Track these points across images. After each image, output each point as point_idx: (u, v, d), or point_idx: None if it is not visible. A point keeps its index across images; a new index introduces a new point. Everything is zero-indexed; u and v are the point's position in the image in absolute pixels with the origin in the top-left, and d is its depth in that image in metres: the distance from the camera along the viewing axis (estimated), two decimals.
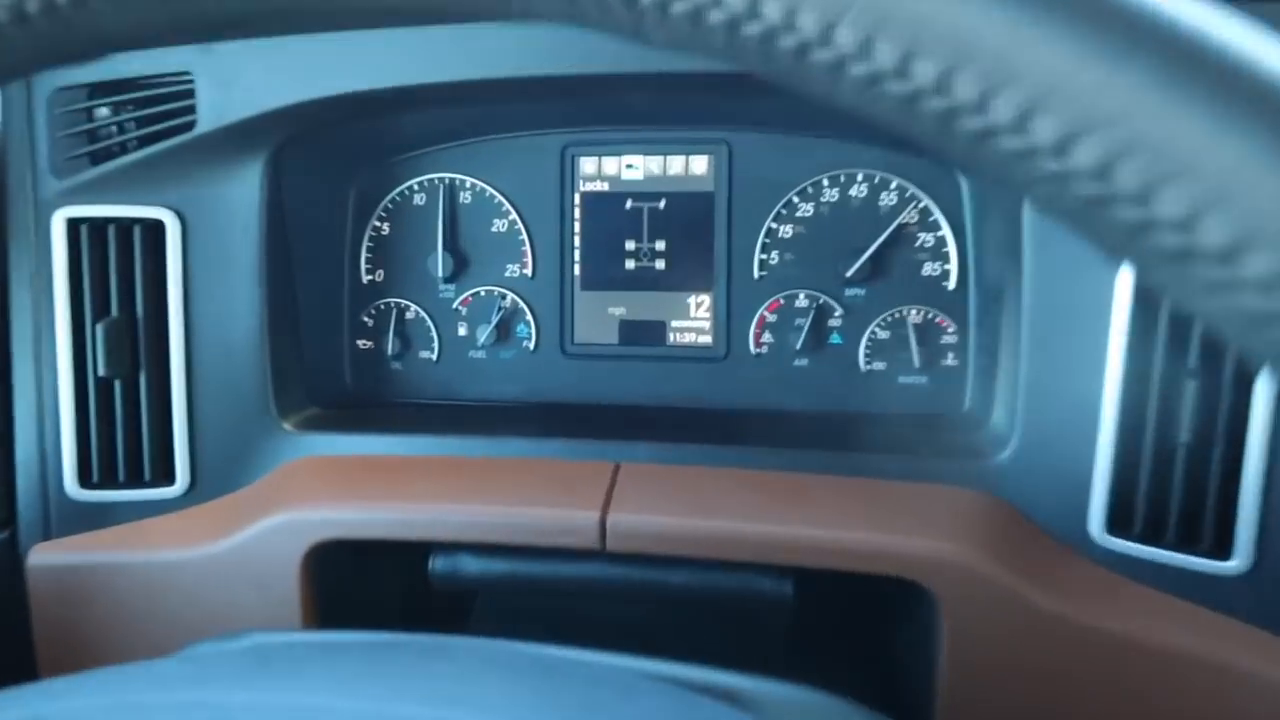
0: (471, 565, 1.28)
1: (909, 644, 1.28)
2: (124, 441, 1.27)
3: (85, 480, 1.28)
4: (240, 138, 1.22)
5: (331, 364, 1.44)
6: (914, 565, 1.06)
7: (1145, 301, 1.06)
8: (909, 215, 1.32)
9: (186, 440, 1.27)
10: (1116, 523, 1.10)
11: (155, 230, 1.25)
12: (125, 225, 1.25)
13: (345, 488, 1.22)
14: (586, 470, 1.20)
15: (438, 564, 1.28)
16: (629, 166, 1.39)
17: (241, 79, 1.18)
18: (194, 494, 1.28)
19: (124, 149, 1.29)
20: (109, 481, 1.28)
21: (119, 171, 1.24)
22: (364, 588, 1.43)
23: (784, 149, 1.34)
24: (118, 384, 1.26)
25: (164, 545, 1.25)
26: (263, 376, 1.28)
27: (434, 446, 1.26)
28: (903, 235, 1.33)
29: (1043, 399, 1.11)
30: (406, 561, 1.36)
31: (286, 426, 1.29)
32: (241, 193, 1.25)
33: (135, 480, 1.28)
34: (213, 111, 1.20)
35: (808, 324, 1.34)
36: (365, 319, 1.46)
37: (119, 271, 1.25)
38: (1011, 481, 1.12)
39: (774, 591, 1.19)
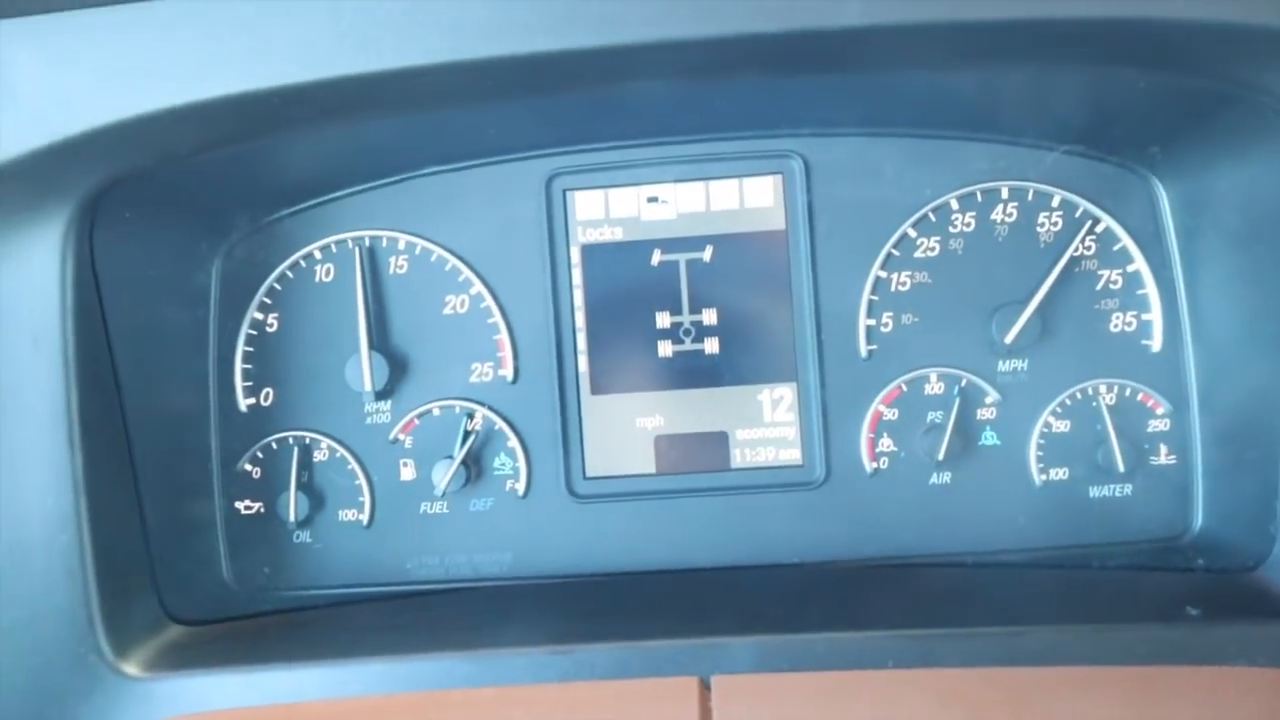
0: None
1: None
2: None
3: None
4: (21, 189, 0.90)
5: (195, 549, 1.12)
6: None
7: None
8: (1083, 245, 1.09)
9: None
10: None
11: None
12: None
13: None
14: (657, 697, 0.88)
15: None
16: (651, 201, 1.14)
17: (16, 85, 0.87)
18: None
19: None
20: None
21: None
22: None
23: (893, 161, 1.11)
24: None
25: None
26: (80, 589, 0.92)
27: (387, 679, 0.92)
28: (1076, 275, 1.10)
29: None
30: None
31: (128, 670, 0.93)
32: (27, 285, 0.92)
33: None
34: None
35: (950, 420, 1.09)
36: (248, 467, 1.16)
37: None
38: None
39: None
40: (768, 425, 1.12)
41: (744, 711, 0.86)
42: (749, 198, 1.12)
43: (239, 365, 1.14)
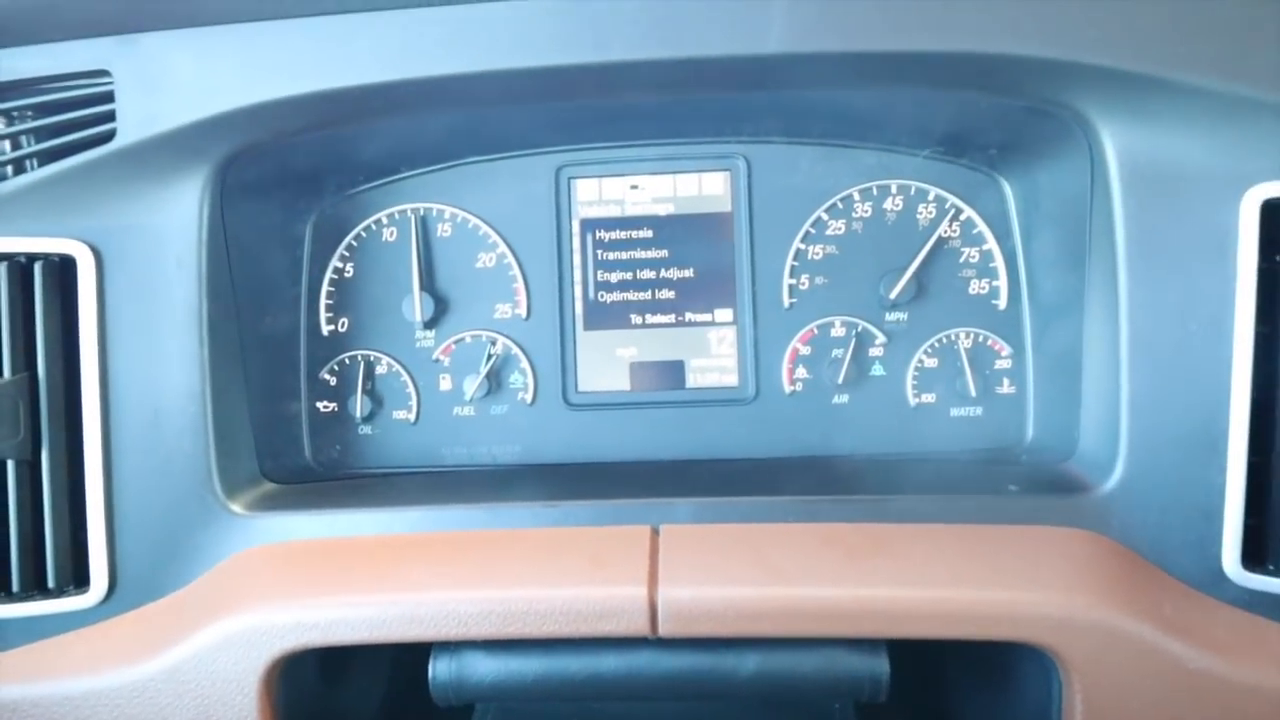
0: (485, 668, 0.93)
1: (1010, 716, 1.01)
2: (19, 539, 0.97)
3: None
4: (173, 151, 0.97)
5: (285, 432, 1.16)
6: (1038, 626, 0.85)
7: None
8: (950, 228, 1.14)
9: (104, 533, 0.98)
10: (1253, 556, 0.90)
11: (63, 268, 0.98)
12: (22, 262, 0.98)
13: (316, 579, 0.92)
14: (619, 537, 0.94)
15: (440, 669, 0.94)
16: (633, 188, 1.18)
17: (174, 78, 0.95)
18: (114, 601, 0.98)
19: (20, 167, 1.00)
20: None
21: (14, 195, 0.98)
22: (333, 709, 1.04)
23: (809, 161, 1.16)
24: (10, 466, 0.97)
25: (75, 672, 0.93)
26: (203, 447, 0.99)
27: (422, 521, 0.98)
28: (945, 250, 1.15)
29: (1153, 417, 0.92)
30: (389, 670, 1.10)
31: (235, 508, 1.00)
32: (175, 221, 0.99)
33: (34, 589, 0.98)
34: (138, 118, 0.96)
35: (847, 355, 1.14)
36: (326, 376, 1.20)
37: (12, 320, 0.97)
38: (1118, 516, 0.93)
39: (868, 670, 0.92)
40: (714, 356, 1.17)
41: (684, 548, 0.91)
42: (705, 187, 1.16)
43: (323, 300, 1.18)
